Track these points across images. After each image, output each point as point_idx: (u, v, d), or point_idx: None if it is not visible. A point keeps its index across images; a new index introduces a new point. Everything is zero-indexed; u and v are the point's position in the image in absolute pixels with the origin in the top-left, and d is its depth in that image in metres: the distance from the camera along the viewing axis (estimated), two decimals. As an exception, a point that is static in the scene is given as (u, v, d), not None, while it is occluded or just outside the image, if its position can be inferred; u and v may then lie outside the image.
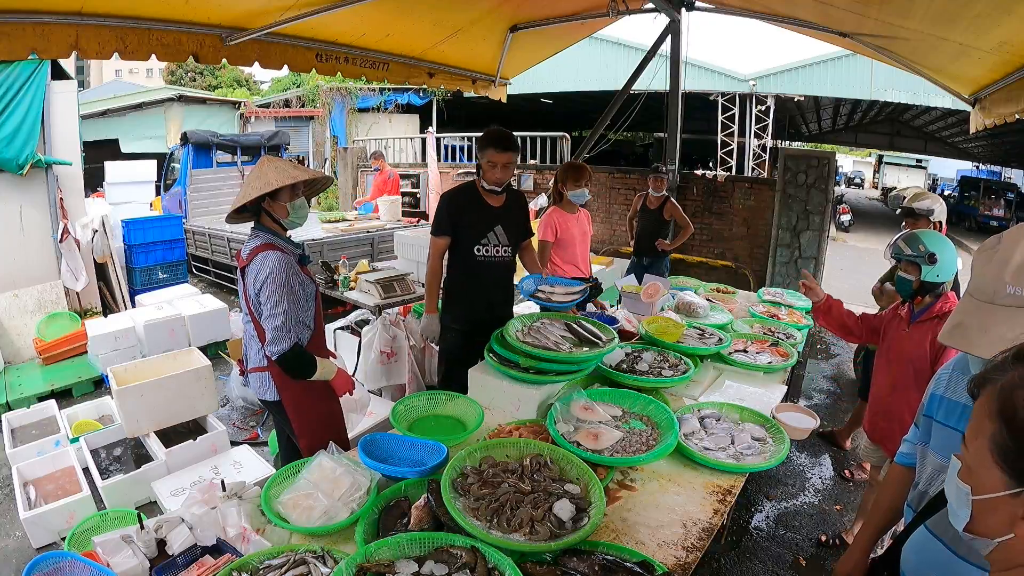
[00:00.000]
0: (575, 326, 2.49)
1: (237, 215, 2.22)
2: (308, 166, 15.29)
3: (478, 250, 2.88)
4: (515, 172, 9.31)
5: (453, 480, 1.58)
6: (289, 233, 2.30)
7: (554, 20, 4.59)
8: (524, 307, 5.35)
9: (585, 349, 2.37)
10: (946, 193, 25.04)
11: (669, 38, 5.89)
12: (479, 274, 2.91)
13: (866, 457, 2.97)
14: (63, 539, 2.64)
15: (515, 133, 10.62)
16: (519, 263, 3.14)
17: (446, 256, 2.96)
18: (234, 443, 3.60)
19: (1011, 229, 1.13)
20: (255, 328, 2.19)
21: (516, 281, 3.09)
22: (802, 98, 13.43)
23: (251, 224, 2.25)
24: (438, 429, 2.12)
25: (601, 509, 1.50)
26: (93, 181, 8.21)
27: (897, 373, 2.35)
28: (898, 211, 3.33)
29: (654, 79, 6.12)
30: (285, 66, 3.60)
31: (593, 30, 5.68)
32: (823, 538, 2.98)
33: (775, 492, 3.40)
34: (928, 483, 1.29)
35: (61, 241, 5.17)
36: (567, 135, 10.22)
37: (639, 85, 6.28)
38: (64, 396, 4.39)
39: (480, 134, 3.03)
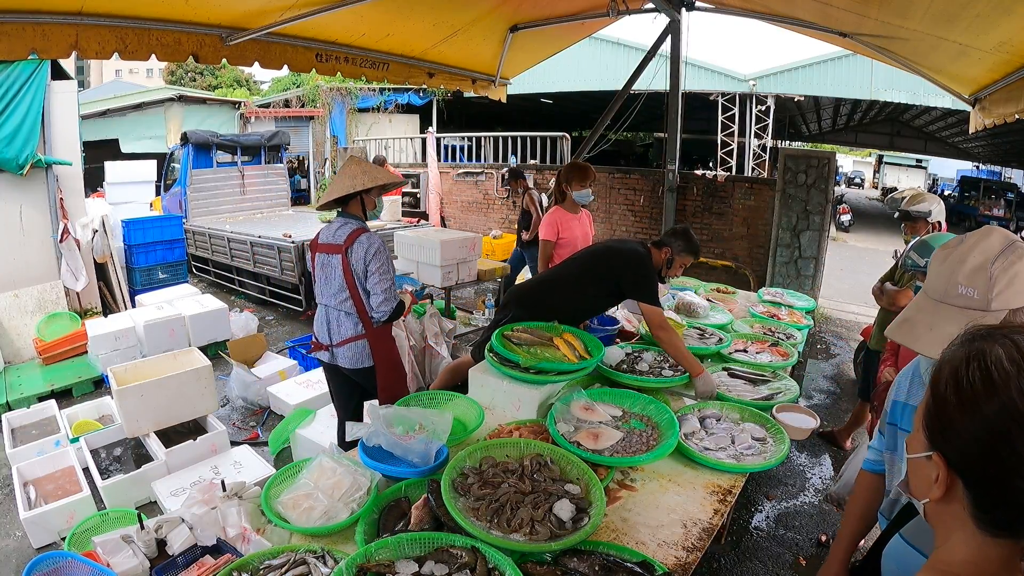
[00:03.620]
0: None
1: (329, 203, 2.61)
2: (308, 166, 15.39)
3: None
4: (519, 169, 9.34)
5: (453, 480, 1.58)
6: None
7: (554, 20, 4.59)
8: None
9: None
10: (946, 193, 25.02)
11: (669, 38, 5.89)
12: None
13: None
14: (63, 539, 2.64)
15: (515, 133, 10.59)
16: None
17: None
18: (234, 443, 3.60)
19: (974, 232, 1.14)
20: (354, 304, 2.54)
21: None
22: (802, 98, 13.42)
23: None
24: (438, 429, 2.11)
25: (601, 509, 1.50)
26: (93, 181, 8.21)
27: None
28: (896, 214, 3.32)
29: (654, 79, 6.11)
30: (285, 66, 3.60)
31: (593, 30, 5.68)
32: (823, 538, 2.98)
33: (775, 492, 3.40)
34: (899, 492, 1.28)
35: (61, 241, 5.17)
36: (567, 135, 10.22)
37: (639, 85, 6.27)
38: (64, 396, 4.39)
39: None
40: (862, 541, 1.53)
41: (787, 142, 24.69)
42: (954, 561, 0.70)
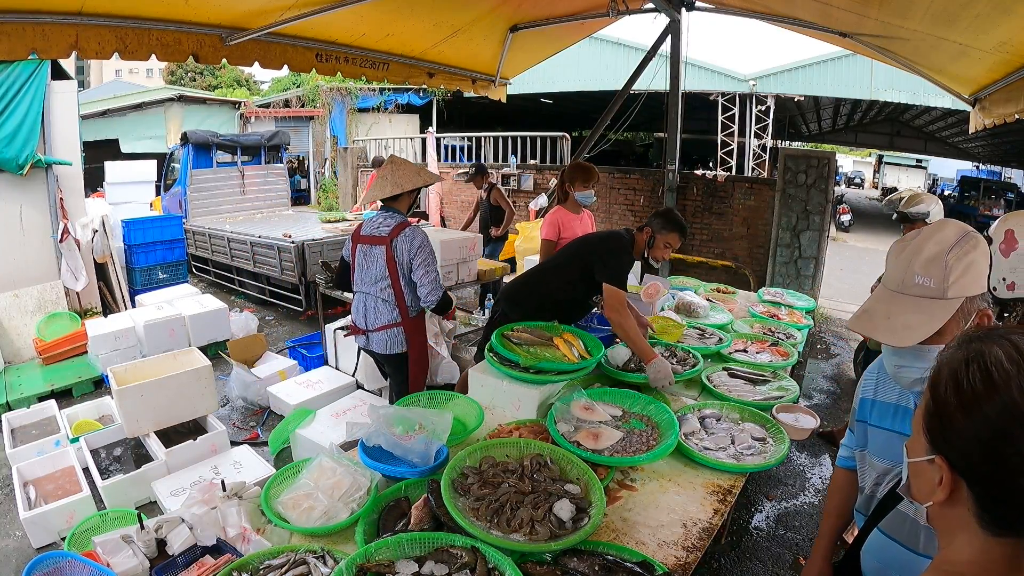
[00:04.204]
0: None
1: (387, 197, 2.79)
2: (308, 166, 15.42)
3: (596, 299, 2.82)
4: (516, 172, 9.36)
5: (453, 480, 1.58)
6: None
7: (554, 20, 4.59)
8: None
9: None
10: (946, 193, 24.99)
11: (669, 38, 5.89)
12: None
13: None
14: (63, 539, 2.64)
15: (515, 133, 10.51)
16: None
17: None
18: (234, 443, 3.60)
19: (930, 224, 1.16)
20: (394, 292, 2.73)
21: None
22: (802, 98, 13.42)
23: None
24: (438, 429, 2.11)
25: (601, 509, 1.50)
26: (93, 181, 8.20)
27: None
28: (894, 216, 3.33)
29: (654, 79, 6.11)
30: (285, 66, 3.59)
31: (593, 30, 5.68)
32: (823, 538, 2.98)
33: (775, 492, 3.40)
34: (874, 487, 1.28)
35: (61, 241, 5.16)
36: (567, 135, 10.21)
37: (639, 85, 6.28)
38: (64, 396, 4.39)
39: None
40: (846, 534, 1.53)
41: (787, 142, 24.68)
42: (959, 562, 0.70)
